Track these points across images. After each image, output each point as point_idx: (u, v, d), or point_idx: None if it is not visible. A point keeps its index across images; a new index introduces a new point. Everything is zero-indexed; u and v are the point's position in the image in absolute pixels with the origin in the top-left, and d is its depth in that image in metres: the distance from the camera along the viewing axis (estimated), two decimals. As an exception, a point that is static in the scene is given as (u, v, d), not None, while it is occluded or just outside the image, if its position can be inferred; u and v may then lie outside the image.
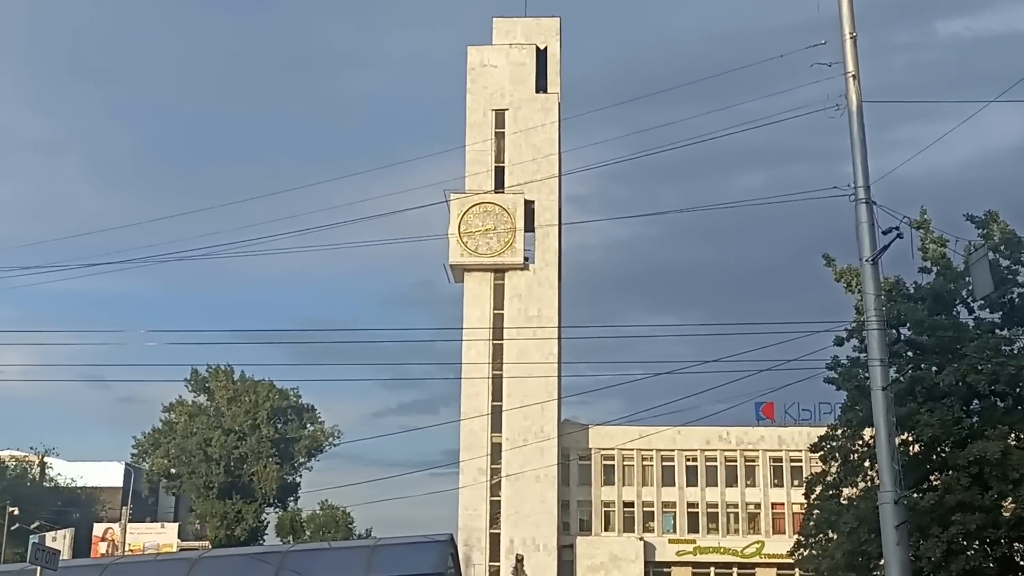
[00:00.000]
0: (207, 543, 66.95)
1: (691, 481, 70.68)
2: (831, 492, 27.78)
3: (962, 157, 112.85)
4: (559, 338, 65.46)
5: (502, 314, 67.77)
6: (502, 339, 66.38)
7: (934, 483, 23.99)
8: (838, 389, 26.36)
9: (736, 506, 70.59)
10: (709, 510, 70.49)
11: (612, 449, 70.41)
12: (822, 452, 27.96)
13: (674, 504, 70.50)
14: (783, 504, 69.72)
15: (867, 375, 19.64)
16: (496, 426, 66.22)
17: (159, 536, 67.85)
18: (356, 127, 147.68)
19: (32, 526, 62.95)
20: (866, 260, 16.94)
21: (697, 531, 70.06)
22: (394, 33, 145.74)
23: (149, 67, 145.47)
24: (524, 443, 64.89)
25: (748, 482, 70.81)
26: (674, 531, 70.10)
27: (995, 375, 23.31)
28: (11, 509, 65.99)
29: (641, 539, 69.03)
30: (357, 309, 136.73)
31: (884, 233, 16.77)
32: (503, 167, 69.75)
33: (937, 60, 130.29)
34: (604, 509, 70.75)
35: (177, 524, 72.28)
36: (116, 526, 68.18)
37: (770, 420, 70.02)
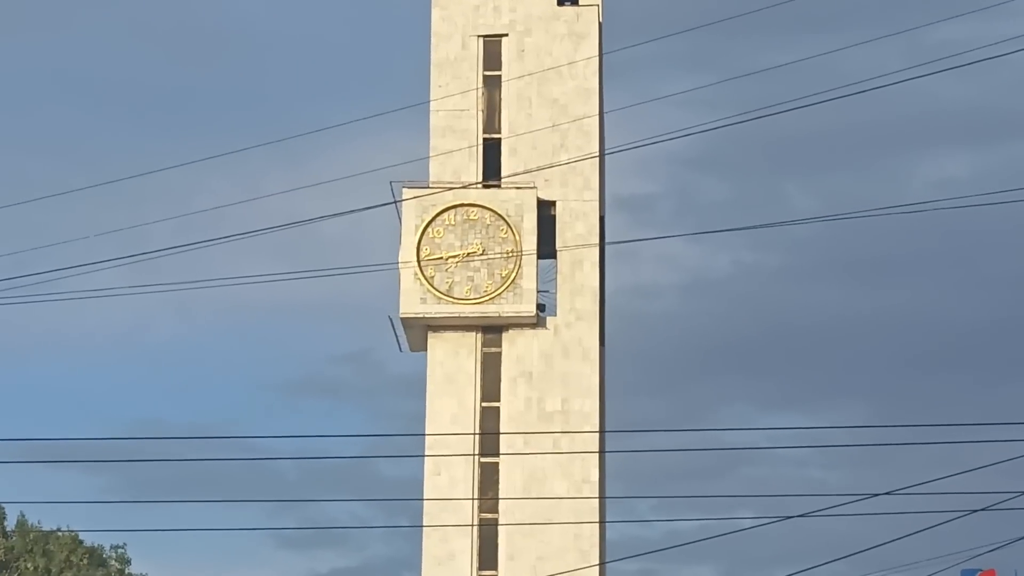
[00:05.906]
0: None
1: None
2: None
3: None
4: (601, 451, 65.55)
5: (497, 408, 67.89)
6: (497, 455, 66.55)
7: None
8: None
9: None
10: None
11: (700, 656, 70.49)
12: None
13: None
14: None
15: None
16: (488, 616, 66.25)
17: None
18: (235, 72, 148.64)
19: None
20: None
21: None
22: None
23: None
24: (540, 647, 65.01)
25: None
26: None
27: None
28: None
29: None
30: (234, 403, 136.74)
31: None
32: (498, 139, 70.23)
33: None
34: None
35: None
36: None
37: (990, 600, 70.26)
